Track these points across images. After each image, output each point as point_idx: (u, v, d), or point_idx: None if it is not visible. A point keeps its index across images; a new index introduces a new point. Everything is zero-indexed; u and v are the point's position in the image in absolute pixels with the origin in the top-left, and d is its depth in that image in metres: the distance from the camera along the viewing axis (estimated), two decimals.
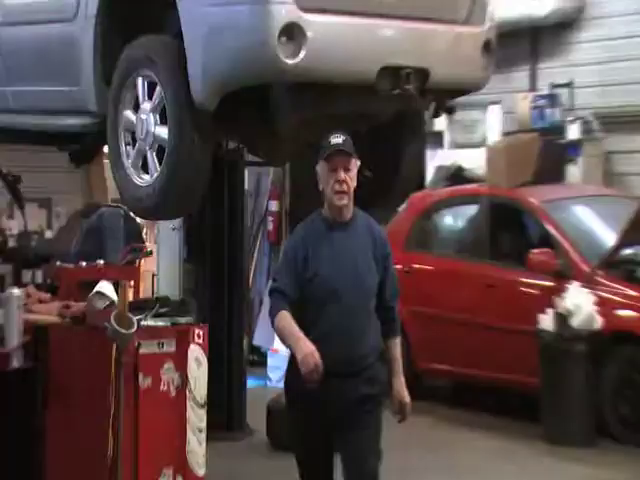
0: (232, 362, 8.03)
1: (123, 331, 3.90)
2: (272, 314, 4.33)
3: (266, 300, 10.46)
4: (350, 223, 4.48)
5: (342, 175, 4.32)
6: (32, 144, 7.51)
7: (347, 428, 4.32)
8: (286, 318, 4.26)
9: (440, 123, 10.88)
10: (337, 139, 4.39)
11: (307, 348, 4.12)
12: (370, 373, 4.39)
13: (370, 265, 4.44)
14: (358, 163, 4.40)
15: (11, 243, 8.80)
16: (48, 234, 9.48)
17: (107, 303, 4.05)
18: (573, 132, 10.78)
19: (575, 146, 10.71)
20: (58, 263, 6.88)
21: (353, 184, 4.36)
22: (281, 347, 10.03)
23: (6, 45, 6.52)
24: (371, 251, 4.46)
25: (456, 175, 11.32)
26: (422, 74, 5.64)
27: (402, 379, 4.48)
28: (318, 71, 5.28)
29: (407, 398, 4.46)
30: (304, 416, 4.38)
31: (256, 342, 10.59)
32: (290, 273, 4.38)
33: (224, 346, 7.77)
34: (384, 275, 4.51)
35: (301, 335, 4.18)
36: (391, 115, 6.03)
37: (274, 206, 11.17)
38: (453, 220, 10.00)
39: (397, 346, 4.61)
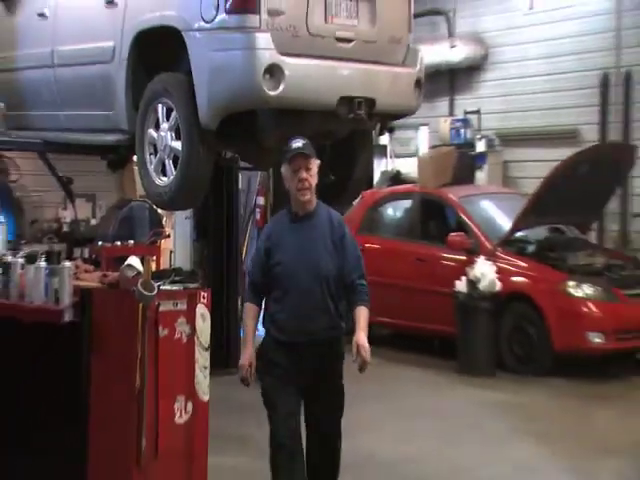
0: (229, 317, 7.97)
1: (147, 294, 3.84)
2: (244, 300, 4.22)
3: None
4: (312, 215, 4.05)
5: (304, 175, 3.94)
6: (80, 154, 7.39)
7: (313, 398, 4.05)
8: (248, 313, 4.10)
9: (384, 139, 10.85)
10: (297, 143, 4.01)
11: (245, 360, 4.00)
12: (329, 346, 4.04)
13: (330, 250, 4.00)
14: (318, 162, 4.01)
15: (65, 228, 8.73)
16: (92, 221, 9.38)
17: (135, 273, 3.98)
18: (480, 146, 10.84)
19: (482, 157, 10.78)
20: (99, 243, 6.81)
21: (314, 181, 3.99)
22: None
23: (61, 80, 6.42)
24: (329, 236, 4.02)
25: (395, 178, 11.39)
26: (370, 103, 5.61)
27: (363, 333, 3.97)
28: (293, 100, 5.27)
29: (366, 344, 3.94)
30: (276, 377, 4.00)
31: None
32: (257, 263, 4.12)
33: (223, 305, 7.72)
34: (342, 255, 4.03)
35: (249, 340, 4.05)
36: (347, 133, 5.99)
37: (261, 201, 11.10)
38: (393, 211, 9.98)
39: (363, 309, 4.05)
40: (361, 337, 3.95)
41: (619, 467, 5.60)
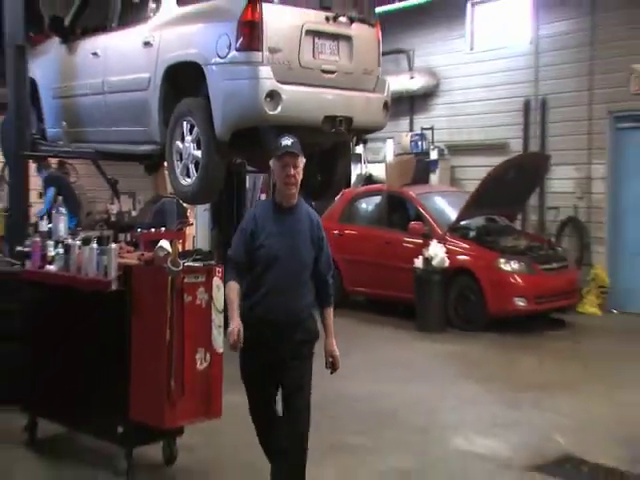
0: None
1: (175, 269, 3.81)
2: (225, 279, 3.56)
3: None
4: (294, 208, 3.50)
5: (292, 171, 3.41)
6: (123, 161, 7.34)
7: (287, 365, 3.43)
8: (231, 289, 3.44)
9: (359, 149, 10.79)
10: (287, 141, 3.47)
11: (233, 326, 3.32)
12: (304, 325, 3.45)
13: (307, 242, 3.47)
14: (304, 160, 3.50)
15: (112, 218, 8.68)
16: (133, 213, 9.32)
17: (165, 253, 3.94)
18: (433, 155, 10.77)
19: (434, 163, 10.71)
20: (138, 230, 6.75)
21: (300, 177, 3.47)
22: None
23: (109, 103, 6.35)
24: (309, 232, 3.48)
25: (368, 179, 11.34)
26: (349, 120, 5.60)
27: (333, 340, 3.51)
28: (288, 118, 5.23)
29: (336, 352, 3.49)
30: (254, 354, 3.43)
31: None
32: (241, 243, 3.47)
33: None
34: (319, 253, 3.51)
35: (235, 311, 3.37)
36: (330, 144, 5.96)
37: (264, 197, 11.06)
38: (366, 205, 9.89)
39: (330, 314, 3.56)
40: (332, 347, 3.49)
41: (537, 398, 5.67)
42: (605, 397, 5.70)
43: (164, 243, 4.04)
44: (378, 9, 6.38)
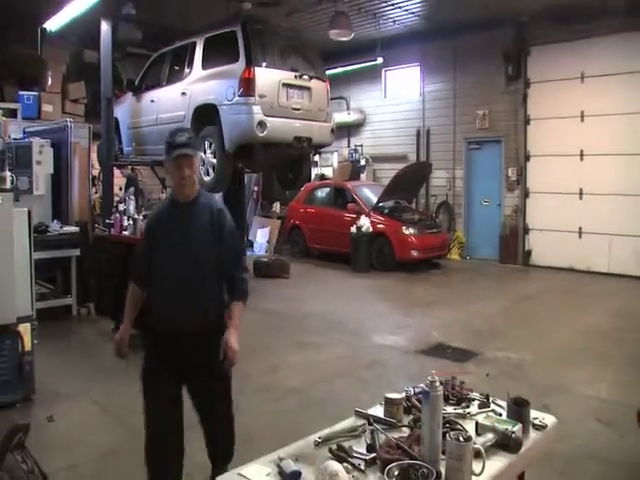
0: (242, 246, 7.85)
1: None
2: (130, 278, 2.24)
3: (255, 221, 10.29)
4: (192, 203, 2.14)
5: (186, 172, 2.09)
6: None
7: (195, 375, 2.13)
8: (131, 294, 2.22)
9: (316, 157, 10.67)
10: (181, 138, 2.08)
11: (119, 335, 2.17)
12: (213, 330, 2.10)
13: (206, 236, 2.10)
14: (199, 154, 2.11)
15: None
16: None
17: None
18: (362, 162, 10.74)
19: (363, 167, 10.68)
20: None
21: (195, 174, 2.15)
22: (258, 239, 9.91)
23: (160, 131, 6.17)
24: (208, 223, 2.11)
25: (322, 177, 11.25)
26: (309, 140, 5.58)
27: (234, 332, 2.07)
28: (271, 138, 5.24)
29: (233, 344, 2.05)
30: (155, 357, 2.13)
31: (250, 238, 10.43)
32: (144, 245, 2.20)
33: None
34: (222, 245, 2.11)
35: (127, 319, 2.20)
36: (298, 154, 5.93)
37: (255, 188, 10.91)
38: (321, 193, 9.75)
39: (237, 306, 2.11)
40: (231, 338, 2.06)
41: (423, 310, 5.80)
42: (462, 308, 5.90)
43: None
44: (328, 72, 6.35)
